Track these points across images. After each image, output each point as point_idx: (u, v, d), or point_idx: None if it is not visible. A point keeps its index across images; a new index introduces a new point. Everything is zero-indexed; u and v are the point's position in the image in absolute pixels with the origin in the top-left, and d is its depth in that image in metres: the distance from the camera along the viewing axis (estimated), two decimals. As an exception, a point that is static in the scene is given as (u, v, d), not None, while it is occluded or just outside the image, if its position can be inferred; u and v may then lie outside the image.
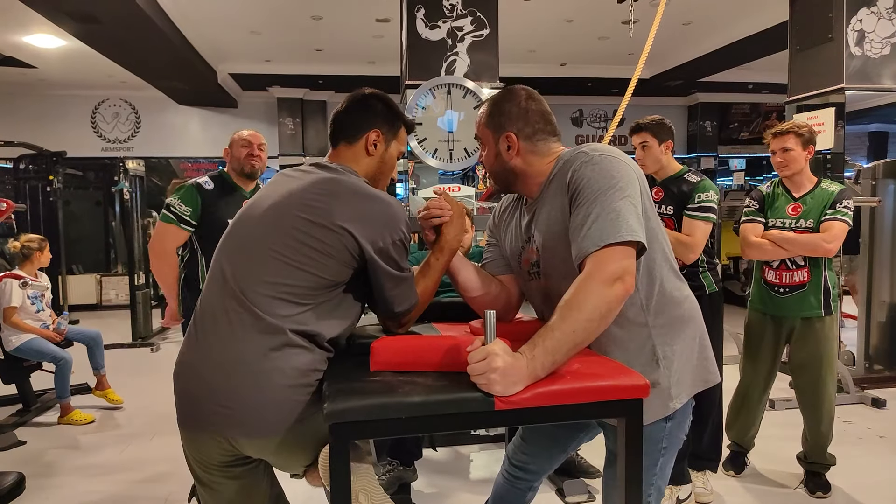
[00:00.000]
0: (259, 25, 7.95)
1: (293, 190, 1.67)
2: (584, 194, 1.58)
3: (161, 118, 11.38)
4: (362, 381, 1.46)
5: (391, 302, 1.71)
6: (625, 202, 1.54)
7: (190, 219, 3.11)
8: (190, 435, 1.67)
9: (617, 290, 1.47)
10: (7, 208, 5.02)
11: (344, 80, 10.16)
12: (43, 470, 3.88)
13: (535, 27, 8.11)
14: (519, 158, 1.76)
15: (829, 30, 5.08)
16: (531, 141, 1.75)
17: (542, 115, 1.77)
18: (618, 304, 1.49)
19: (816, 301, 3.30)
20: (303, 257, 1.58)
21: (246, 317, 1.57)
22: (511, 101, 1.77)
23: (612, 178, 1.57)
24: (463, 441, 4.11)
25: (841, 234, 3.20)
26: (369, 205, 1.65)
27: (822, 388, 3.34)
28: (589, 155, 1.63)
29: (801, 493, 3.43)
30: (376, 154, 1.83)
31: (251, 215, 1.71)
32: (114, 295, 10.28)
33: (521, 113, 1.75)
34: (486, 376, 1.34)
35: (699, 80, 10.93)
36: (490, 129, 1.78)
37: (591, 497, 3.34)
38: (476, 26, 4.74)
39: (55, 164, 8.94)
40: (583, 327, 1.44)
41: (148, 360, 6.87)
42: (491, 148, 1.79)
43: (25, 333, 4.68)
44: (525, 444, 2.11)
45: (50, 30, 7.20)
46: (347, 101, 1.86)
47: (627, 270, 1.50)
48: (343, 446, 1.34)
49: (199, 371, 1.62)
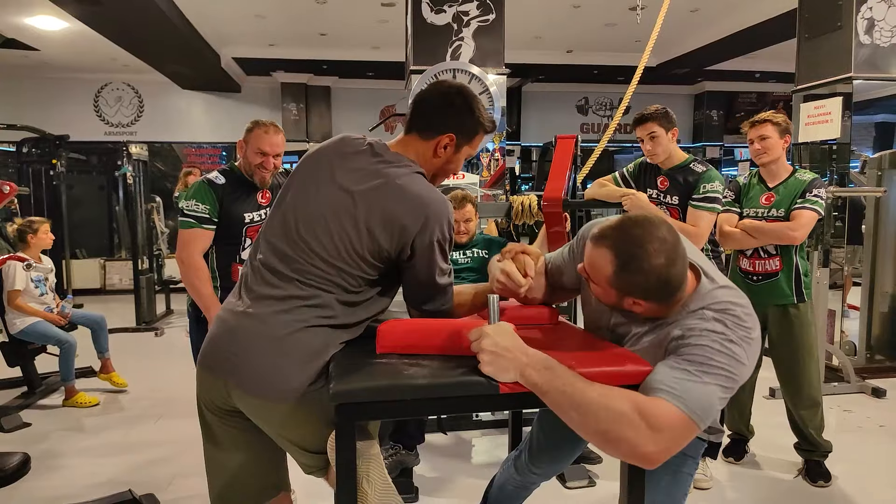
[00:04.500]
0: (264, 9, 7.92)
1: (364, 183, 1.66)
2: (695, 355, 1.43)
3: (164, 102, 11.36)
4: (368, 363, 1.47)
5: (422, 300, 1.74)
6: (722, 391, 1.41)
7: (211, 216, 2.90)
8: (202, 374, 1.74)
9: (645, 440, 1.32)
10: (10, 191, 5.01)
11: (348, 65, 10.14)
12: (47, 451, 3.90)
13: (541, 13, 8.07)
14: (643, 311, 1.57)
15: (839, 18, 5.05)
16: (661, 304, 1.55)
17: (678, 277, 1.50)
18: (627, 447, 1.33)
19: (789, 288, 3.34)
20: (355, 250, 1.62)
21: (288, 285, 1.64)
22: (644, 270, 1.46)
23: (729, 367, 1.42)
24: (465, 426, 4.12)
25: (809, 222, 3.24)
26: (422, 204, 1.64)
27: (802, 374, 3.37)
28: (716, 329, 1.45)
29: (801, 481, 3.44)
30: (443, 156, 1.77)
31: (305, 208, 1.70)
32: (117, 279, 10.29)
33: (657, 286, 1.49)
34: (479, 356, 1.37)
35: (706, 69, 10.88)
36: (614, 288, 1.54)
37: (591, 483, 3.35)
38: (482, 11, 4.71)
39: (58, 147, 8.93)
40: (588, 413, 1.33)
41: (152, 344, 6.89)
42: (610, 296, 1.58)
43: (30, 316, 4.69)
44: (552, 451, 2.09)
45: (53, 12, 7.17)
46: (435, 92, 1.78)
47: (672, 442, 1.36)
48: (349, 427, 1.34)
49: (229, 320, 1.69)
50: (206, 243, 2.94)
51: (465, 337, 1.45)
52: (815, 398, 3.41)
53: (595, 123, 12.53)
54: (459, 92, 1.77)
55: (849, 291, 6.11)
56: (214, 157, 11.60)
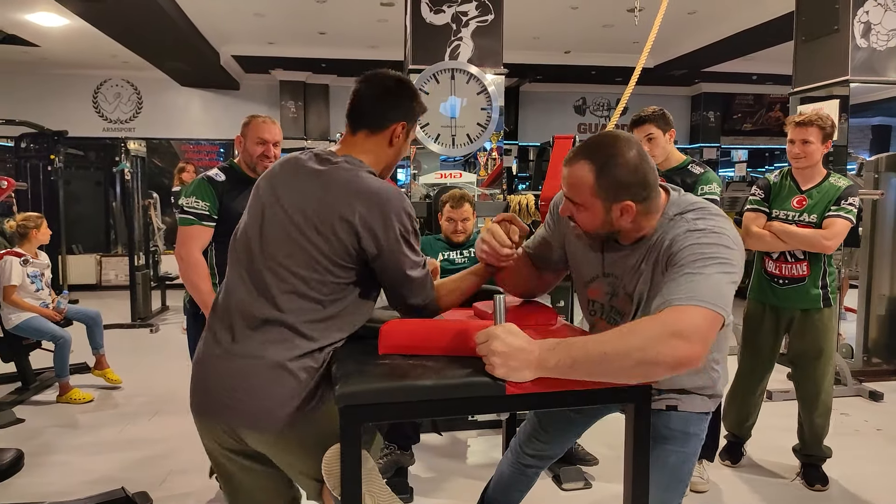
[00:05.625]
0: (263, 7, 7.91)
1: (314, 191, 1.64)
2: (686, 256, 1.50)
3: (163, 99, 11.35)
4: (372, 365, 1.46)
5: (403, 296, 1.71)
6: (727, 278, 1.47)
7: (211, 213, 2.89)
8: (202, 421, 1.72)
9: (676, 347, 1.33)
10: (8, 186, 5.02)
11: (347, 63, 10.13)
12: (41, 447, 3.89)
13: (539, 13, 8.06)
14: (631, 223, 1.63)
15: (836, 21, 5.06)
16: (646, 204, 1.61)
17: (653, 171, 1.62)
18: (665, 363, 1.34)
19: (816, 294, 3.29)
20: (322, 258, 1.60)
21: (266, 317, 1.61)
22: (622, 164, 1.56)
23: (721, 252, 1.49)
24: (461, 426, 4.12)
25: (842, 231, 3.17)
26: (379, 200, 1.61)
27: (820, 380, 3.34)
28: (705, 222, 1.56)
29: (798, 484, 3.44)
30: (397, 145, 1.78)
31: (267, 219, 1.69)
32: (113, 275, 10.28)
33: (638, 179, 1.58)
34: (488, 359, 1.35)
35: (703, 70, 10.89)
36: (600, 199, 1.59)
37: (587, 484, 3.34)
38: (481, 11, 4.71)
39: (56, 143, 8.91)
40: (616, 358, 1.33)
41: (147, 340, 6.88)
42: (597, 214, 1.62)
43: (25, 312, 4.68)
44: (543, 433, 2.10)
45: (53, 8, 7.16)
46: (377, 86, 1.76)
47: (701, 336, 1.37)
48: (354, 429, 1.33)
49: (214, 362, 1.67)
50: (205, 240, 2.92)
51: (470, 337, 1.44)
52: (828, 405, 3.38)
53: (592, 124, 12.54)
54: (400, 80, 1.77)
55: (846, 294, 6.11)
56: (212, 154, 11.58)
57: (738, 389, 3.56)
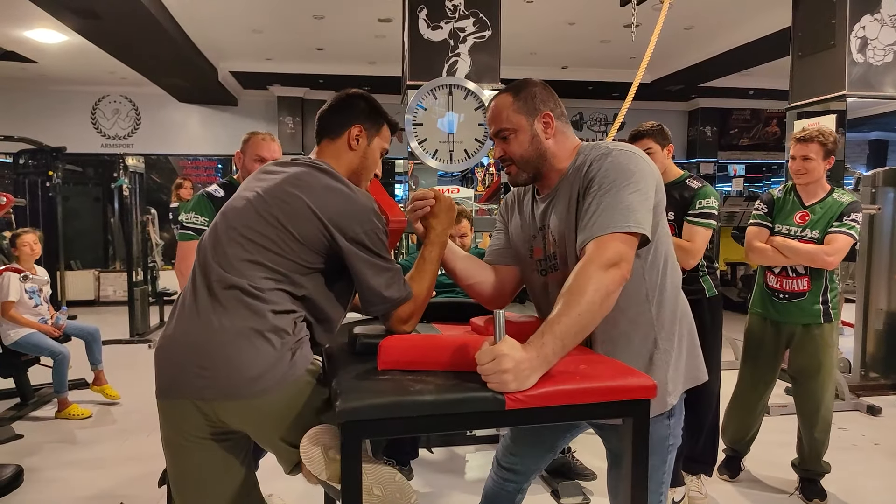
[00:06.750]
0: (260, 24, 7.96)
1: (272, 184, 1.74)
2: (599, 184, 1.62)
3: (161, 115, 11.37)
4: (373, 380, 1.46)
5: (377, 290, 1.72)
6: (637, 195, 1.59)
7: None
8: (170, 402, 1.72)
9: (613, 275, 1.49)
10: (7, 203, 5.02)
11: (345, 79, 10.16)
12: (40, 463, 3.88)
13: (536, 29, 8.12)
14: (553, 140, 1.79)
15: (832, 36, 5.09)
16: (562, 120, 1.82)
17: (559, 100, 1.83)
18: (615, 289, 1.51)
19: (817, 309, 3.29)
20: (282, 243, 1.67)
21: (228, 289, 1.66)
22: (534, 85, 1.80)
23: (629, 172, 1.61)
24: (458, 441, 4.11)
25: (844, 247, 3.17)
26: (337, 197, 1.71)
27: (820, 395, 3.34)
28: (609, 148, 1.69)
29: (796, 499, 3.43)
30: (359, 149, 1.89)
31: (234, 206, 1.79)
32: (111, 291, 10.28)
33: (549, 94, 1.81)
34: (498, 377, 1.34)
35: (700, 85, 10.94)
36: (523, 114, 1.78)
37: (585, 499, 3.34)
38: (478, 27, 4.74)
39: (55, 159, 8.91)
40: (587, 310, 1.45)
41: (145, 356, 6.85)
42: (524, 133, 1.78)
43: (24, 327, 4.68)
44: (513, 445, 2.12)
45: (51, 25, 7.20)
46: (331, 100, 1.94)
47: (625, 257, 1.53)
48: (355, 445, 1.33)
49: (180, 341, 1.69)
50: None
51: (469, 352, 1.44)
52: (828, 421, 3.38)
53: (590, 139, 12.48)
54: (356, 93, 1.94)
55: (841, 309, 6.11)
56: (210, 170, 11.61)
57: (739, 404, 3.56)
